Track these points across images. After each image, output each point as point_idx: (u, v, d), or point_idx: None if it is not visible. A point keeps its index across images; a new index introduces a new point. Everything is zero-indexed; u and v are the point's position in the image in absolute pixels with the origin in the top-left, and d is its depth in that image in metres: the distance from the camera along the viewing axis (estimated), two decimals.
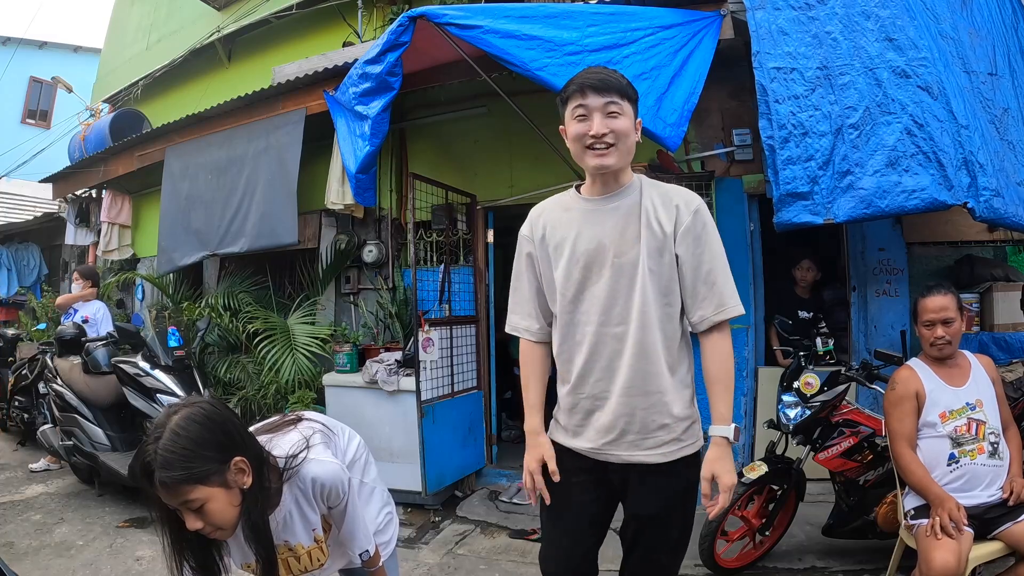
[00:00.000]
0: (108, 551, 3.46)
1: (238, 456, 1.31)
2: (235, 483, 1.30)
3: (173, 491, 1.24)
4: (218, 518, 1.27)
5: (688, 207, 1.66)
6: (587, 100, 1.61)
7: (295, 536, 1.47)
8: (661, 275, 1.65)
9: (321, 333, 4.76)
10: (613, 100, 1.60)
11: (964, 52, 3.48)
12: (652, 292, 1.64)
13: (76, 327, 4.82)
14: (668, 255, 1.65)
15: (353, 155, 4.02)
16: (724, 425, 1.62)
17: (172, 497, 1.25)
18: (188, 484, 1.23)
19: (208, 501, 1.26)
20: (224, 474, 1.28)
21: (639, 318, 1.64)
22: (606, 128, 1.60)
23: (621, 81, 1.63)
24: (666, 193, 1.69)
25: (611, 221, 1.67)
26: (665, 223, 1.65)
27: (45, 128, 13.92)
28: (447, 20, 3.38)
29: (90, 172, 6.84)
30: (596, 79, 1.61)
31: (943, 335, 2.40)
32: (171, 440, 1.25)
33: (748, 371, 4.27)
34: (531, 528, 3.65)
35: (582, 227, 1.70)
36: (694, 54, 3.57)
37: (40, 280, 9.63)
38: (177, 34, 7.25)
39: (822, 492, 3.41)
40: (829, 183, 3.40)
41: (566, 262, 1.70)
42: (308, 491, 1.43)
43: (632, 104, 1.65)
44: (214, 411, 1.33)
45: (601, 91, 1.60)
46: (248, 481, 1.32)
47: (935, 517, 2.21)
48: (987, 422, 2.35)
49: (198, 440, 1.26)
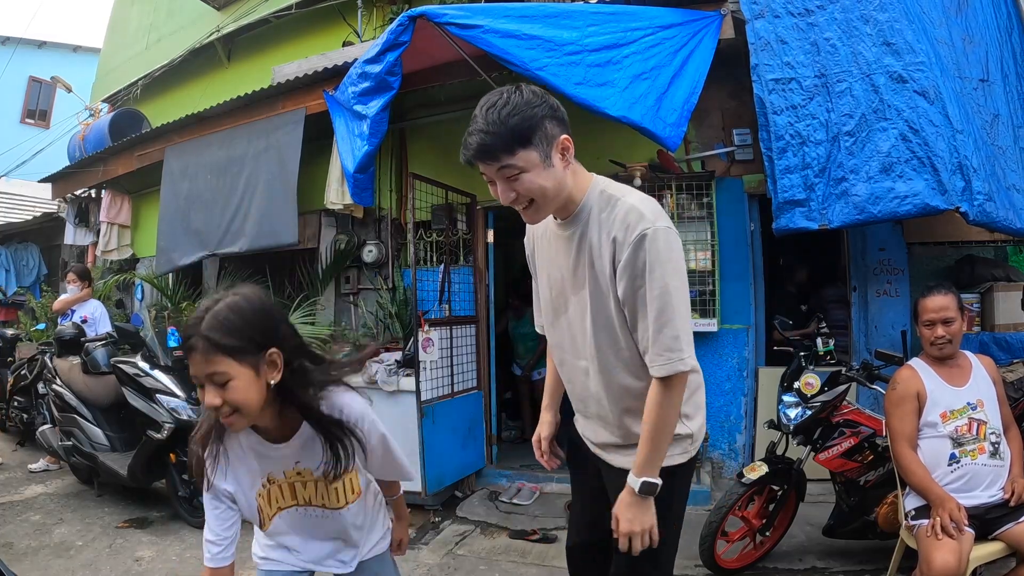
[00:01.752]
0: (107, 551, 3.45)
1: (275, 348, 1.30)
2: (264, 373, 1.29)
3: (207, 357, 1.24)
4: (239, 396, 1.26)
5: (627, 238, 1.39)
6: (481, 168, 1.43)
7: (307, 460, 1.45)
8: (610, 320, 1.50)
9: (321, 333, 4.76)
10: (503, 164, 1.37)
11: (958, 58, 3.52)
12: (603, 338, 1.52)
13: (75, 327, 4.82)
14: (612, 299, 1.47)
15: (351, 155, 4.02)
16: (634, 475, 1.46)
17: (203, 364, 1.24)
18: (222, 354, 1.24)
19: (234, 378, 1.25)
20: (258, 360, 1.28)
21: (594, 361, 1.56)
22: (512, 193, 1.42)
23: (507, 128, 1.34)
24: (613, 219, 1.43)
25: (567, 252, 1.54)
26: (605, 260, 1.45)
27: (44, 128, 13.93)
28: (447, 20, 3.39)
29: (89, 172, 6.85)
30: (477, 147, 1.38)
31: (943, 335, 2.40)
32: (222, 310, 1.27)
33: (749, 371, 4.27)
34: (531, 529, 3.65)
35: (552, 253, 1.60)
36: (694, 54, 3.58)
37: (39, 280, 9.64)
38: (177, 34, 7.26)
39: (822, 492, 3.41)
40: (825, 190, 3.46)
41: (543, 288, 1.68)
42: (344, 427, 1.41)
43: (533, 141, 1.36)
44: (267, 303, 1.35)
45: (487, 158, 1.39)
46: (276, 377, 1.31)
47: (936, 517, 2.21)
48: (988, 422, 2.35)
49: (246, 318, 1.27)
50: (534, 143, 1.37)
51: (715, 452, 4.30)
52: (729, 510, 2.93)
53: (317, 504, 1.50)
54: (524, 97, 1.37)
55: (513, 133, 1.35)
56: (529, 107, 1.36)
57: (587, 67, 3.32)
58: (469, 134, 1.40)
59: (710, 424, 4.29)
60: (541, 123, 1.37)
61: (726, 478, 4.20)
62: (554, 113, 1.40)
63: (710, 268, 4.27)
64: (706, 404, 1.73)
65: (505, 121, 1.35)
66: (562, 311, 1.62)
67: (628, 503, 1.47)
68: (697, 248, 4.30)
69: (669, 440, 1.49)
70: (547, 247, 1.62)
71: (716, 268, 4.25)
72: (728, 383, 4.27)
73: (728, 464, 4.29)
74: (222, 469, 1.42)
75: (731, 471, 4.21)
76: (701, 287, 4.26)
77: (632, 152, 4.27)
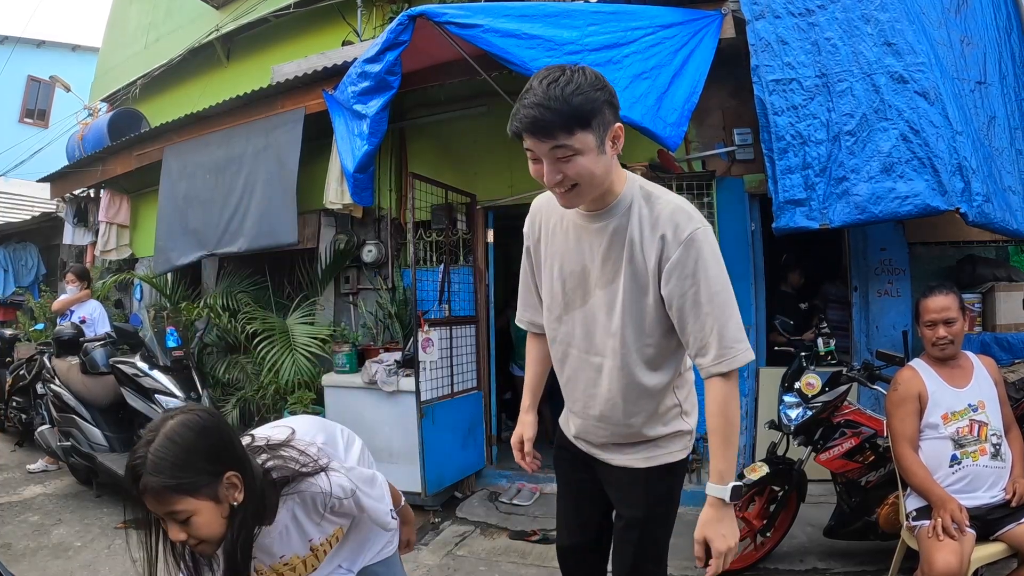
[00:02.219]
0: (106, 552, 3.45)
1: (231, 471, 1.24)
2: (225, 498, 1.23)
3: (160, 499, 1.18)
4: (204, 531, 1.21)
5: (677, 237, 1.40)
6: (528, 144, 1.34)
7: (290, 549, 1.43)
8: (642, 315, 1.48)
9: (320, 333, 4.76)
10: (558, 144, 1.30)
11: (956, 59, 3.54)
12: (631, 333, 1.50)
13: (74, 327, 4.82)
14: (652, 295, 1.46)
15: (351, 154, 4.02)
16: (719, 484, 1.43)
17: (158, 506, 1.19)
18: (176, 494, 1.17)
19: (195, 514, 1.19)
20: (215, 487, 1.22)
21: (615, 356, 1.53)
22: (559, 175, 1.34)
23: (569, 107, 1.27)
24: (657, 216, 1.43)
25: (596, 244, 1.49)
26: (649, 256, 1.43)
27: (43, 127, 13.92)
28: (447, 19, 3.38)
29: (88, 172, 6.85)
30: (531, 121, 1.28)
31: (945, 335, 2.40)
32: (164, 445, 1.19)
33: (749, 371, 4.27)
34: (531, 529, 3.65)
35: (569, 244, 1.55)
36: (695, 53, 3.57)
37: (38, 280, 9.64)
38: (176, 33, 7.25)
39: (823, 493, 3.41)
40: (825, 189, 3.46)
41: (552, 280, 1.61)
42: (310, 506, 1.38)
43: (592, 124, 1.30)
44: (211, 420, 1.26)
45: (541, 135, 1.30)
46: (239, 497, 1.24)
47: (937, 518, 2.21)
48: (989, 423, 2.35)
49: (192, 449, 1.20)
50: (592, 127, 1.31)
51: None
52: None
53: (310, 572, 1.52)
54: (588, 78, 1.31)
55: (575, 113, 1.28)
56: (593, 89, 1.30)
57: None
58: (523, 106, 1.30)
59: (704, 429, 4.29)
60: (602, 108, 1.31)
61: None
62: (612, 99, 1.34)
63: None
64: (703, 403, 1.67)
65: (568, 99, 1.27)
66: (576, 305, 1.57)
67: (718, 518, 1.44)
68: None
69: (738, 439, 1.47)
70: (561, 238, 1.56)
71: None
72: None
73: None
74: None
75: None
76: None
77: (632, 152, 4.26)
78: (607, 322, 1.52)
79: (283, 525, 1.38)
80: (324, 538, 1.48)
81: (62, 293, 5.66)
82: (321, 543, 1.49)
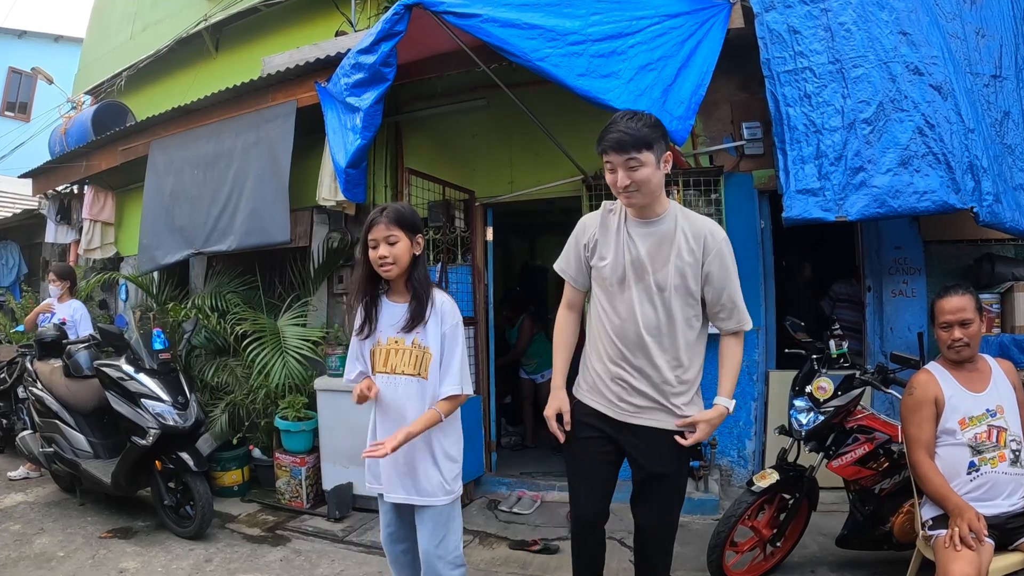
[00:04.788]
0: (90, 563, 3.46)
1: (420, 235, 2.23)
2: (414, 246, 2.20)
3: (390, 224, 2.14)
4: (400, 253, 2.15)
5: (715, 237, 2.14)
6: (611, 158, 2.07)
7: (407, 332, 2.21)
8: (687, 291, 2.15)
9: (313, 335, 4.76)
10: (631, 157, 2.02)
11: (970, 53, 3.53)
12: (677, 305, 2.14)
13: (57, 329, 4.82)
14: (694, 276, 2.13)
15: (343, 148, 4.02)
16: (728, 398, 2.20)
17: (386, 229, 2.14)
18: (395, 225, 2.14)
19: (400, 241, 2.15)
20: (413, 236, 2.20)
21: (665, 321, 2.16)
22: (628, 180, 2.05)
23: (640, 134, 2.01)
24: (697, 224, 2.17)
25: (649, 242, 2.16)
26: (695, 249, 2.13)
27: (24, 121, 13.94)
28: (444, 8, 3.38)
29: (71, 167, 6.84)
30: (615, 141, 2.03)
31: (960, 337, 2.41)
32: (398, 205, 2.24)
33: (759, 375, 4.27)
34: (532, 539, 3.65)
35: (621, 243, 2.20)
36: (702, 44, 3.57)
37: (20, 280, 9.63)
38: (162, 23, 7.25)
39: (836, 501, 3.42)
40: (841, 179, 3.43)
41: (609, 267, 2.21)
42: (432, 303, 2.20)
43: (654, 148, 2.03)
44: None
45: (620, 151, 2.03)
46: (418, 250, 2.22)
47: (954, 527, 2.21)
48: (1008, 429, 2.36)
49: (411, 212, 2.23)
50: (654, 149, 2.04)
51: (724, 459, 4.30)
52: (738, 519, 2.93)
53: (399, 372, 2.22)
54: (652, 119, 2.08)
55: (645, 138, 2.02)
56: (656, 127, 2.07)
57: (590, 57, 3.32)
58: (610, 132, 2.05)
59: (718, 430, 4.28)
60: (660, 138, 2.07)
61: (735, 486, 4.20)
62: (666, 135, 2.13)
63: None
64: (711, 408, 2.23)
65: (639, 130, 2.02)
66: (628, 285, 2.19)
67: (714, 420, 2.18)
68: None
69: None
70: (614, 238, 2.22)
71: None
72: (737, 387, 4.25)
73: (737, 471, 4.29)
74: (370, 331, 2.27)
75: (740, 479, 4.21)
76: None
77: None
78: (659, 297, 2.15)
79: (405, 307, 2.21)
80: (422, 344, 2.21)
81: (45, 294, 5.66)
82: (415, 345, 2.21)
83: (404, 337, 2.22)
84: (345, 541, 3.78)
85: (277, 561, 3.52)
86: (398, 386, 2.23)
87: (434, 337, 2.20)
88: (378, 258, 2.14)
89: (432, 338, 2.20)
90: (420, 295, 2.19)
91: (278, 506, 4.35)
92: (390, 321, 2.24)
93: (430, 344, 2.20)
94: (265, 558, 3.56)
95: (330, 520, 4.06)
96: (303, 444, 4.35)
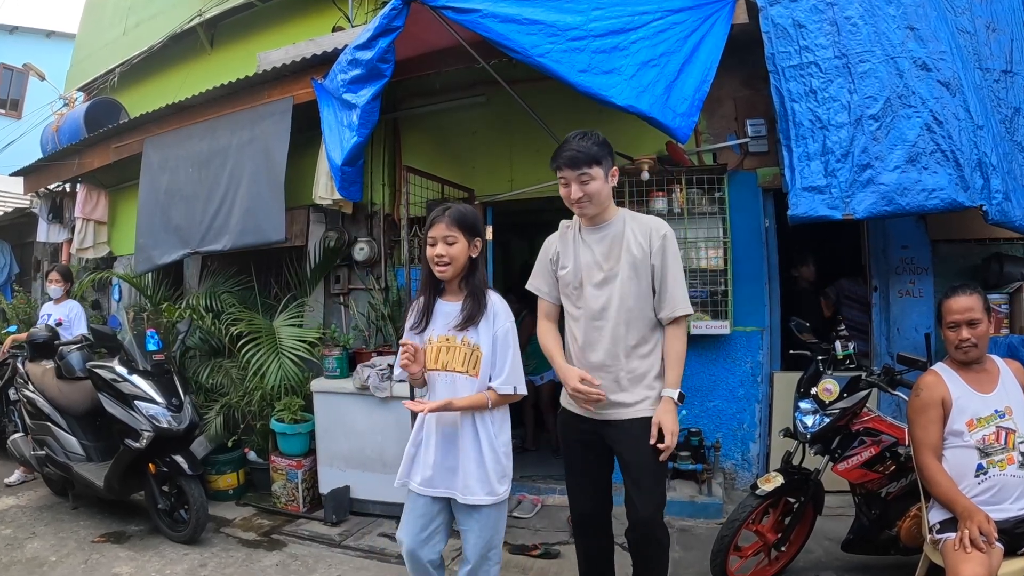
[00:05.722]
0: (83, 567, 3.45)
1: (479, 239, 2.32)
2: (471, 248, 2.29)
3: (450, 225, 2.24)
4: (455, 252, 2.24)
5: (658, 233, 2.38)
6: (564, 173, 2.34)
7: (458, 332, 2.28)
8: (639, 283, 2.37)
9: (309, 336, 4.75)
10: (583, 172, 2.30)
11: (979, 48, 3.52)
12: (631, 296, 2.36)
13: (49, 330, 4.81)
14: (644, 268, 2.36)
15: (339, 146, 4.02)
16: (673, 388, 2.35)
17: (446, 229, 2.23)
18: (455, 227, 2.24)
19: (457, 242, 2.24)
20: (471, 238, 2.28)
21: (622, 311, 2.37)
22: (581, 193, 2.33)
23: (591, 152, 2.29)
24: (643, 223, 2.42)
25: (602, 244, 2.42)
26: (643, 243, 2.37)
27: (16, 118, 13.91)
28: (443, 3, 3.38)
29: (64, 165, 6.84)
30: (569, 158, 2.30)
31: (968, 337, 2.40)
32: (461, 206, 2.35)
33: (763, 376, 4.27)
34: (532, 543, 3.65)
35: (578, 250, 2.46)
36: (705, 40, 3.57)
37: (10, 280, 9.62)
38: (156, 18, 7.24)
39: (841, 505, 3.41)
40: (848, 176, 3.43)
41: (570, 273, 2.46)
42: (485, 305, 2.28)
43: (603, 163, 2.32)
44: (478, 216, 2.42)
45: (574, 167, 2.30)
46: (476, 252, 2.31)
47: (963, 530, 2.20)
48: (1017, 430, 2.35)
49: (472, 214, 2.33)
50: (602, 165, 2.33)
51: (728, 462, 4.30)
52: (742, 523, 2.93)
53: (450, 369, 2.29)
54: (600, 139, 2.35)
55: (595, 155, 2.30)
56: (604, 145, 2.34)
57: (592, 53, 3.32)
58: (564, 151, 2.32)
59: (722, 432, 4.29)
60: (608, 155, 2.36)
61: (739, 489, 4.20)
62: (611, 153, 2.40)
63: (722, 267, 4.26)
64: (714, 410, 2.43)
65: (590, 148, 2.30)
66: (585, 284, 2.42)
67: (671, 411, 2.33)
68: (708, 245, 4.29)
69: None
70: (571, 245, 2.48)
71: (728, 267, 4.25)
72: (741, 389, 4.27)
73: (741, 475, 4.29)
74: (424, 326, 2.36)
75: (745, 482, 4.21)
76: (712, 287, 4.25)
77: (640, 144, 4.27)
78: (617, 292, 2.37)
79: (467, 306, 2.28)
80: (472, 342, 2.28)
81: (39, 295, 5.65)
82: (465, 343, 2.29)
83: (455, 335, 2.30)
84: (342, 546, 3.78)
85: (273, 566, 3.52)
86: (456, 383, 2.29)
87: (485, 336, 2.27)
88: (435, 256, 2.24)
89: (484, 337, 2.27)
90: (476, 295, 2.28)
91: (274, 510, 4.34)
92: (443, 319, 2.32)
93: (481, 342, 2.28)
94: (261, 563, 3.55)
95: (327, 524, 4.06)
96: (299, 447, 4.35)
